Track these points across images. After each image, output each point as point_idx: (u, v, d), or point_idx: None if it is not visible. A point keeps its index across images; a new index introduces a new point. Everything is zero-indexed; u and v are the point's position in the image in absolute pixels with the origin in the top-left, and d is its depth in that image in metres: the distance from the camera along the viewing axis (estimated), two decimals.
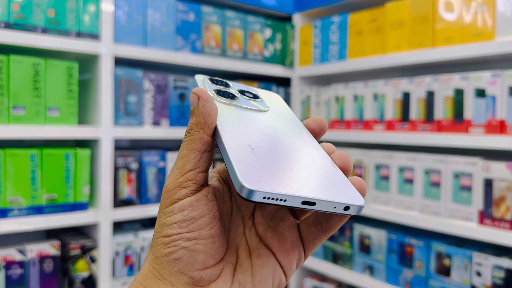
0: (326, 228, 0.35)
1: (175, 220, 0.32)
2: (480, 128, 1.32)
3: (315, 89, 1.87)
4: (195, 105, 0.34)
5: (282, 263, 0.35)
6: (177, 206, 0.33)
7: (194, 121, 0.34)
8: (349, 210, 0.32)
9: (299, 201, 0.31)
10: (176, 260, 0.32)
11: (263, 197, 0.30)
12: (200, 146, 0.33)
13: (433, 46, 1.44)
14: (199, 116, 0.34)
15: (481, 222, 1.31)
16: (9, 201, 1.27)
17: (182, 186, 0.33)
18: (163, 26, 1.55)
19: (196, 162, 0.33)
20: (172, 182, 0.33)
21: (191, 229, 0.32)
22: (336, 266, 1.75)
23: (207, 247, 0.33)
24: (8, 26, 1.25)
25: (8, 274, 1.28)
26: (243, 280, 0.34)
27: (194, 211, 0.33)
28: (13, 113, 1.27)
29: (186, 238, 0.32)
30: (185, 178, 0.33)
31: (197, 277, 0.33)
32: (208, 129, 0.34)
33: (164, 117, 1.58)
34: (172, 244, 0.32)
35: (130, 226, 1.65)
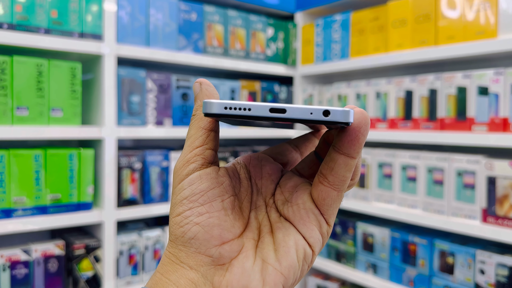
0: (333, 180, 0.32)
1: (185, 195, 0.32)
2: (483, 126, 1.32)
3: (318, 88, 1.87)
4: (198, 91, 0.35)
5: (302, 231, 0.33)
6: (186, 181, 0.32)
7: (199, 103, 0.35)
8: (330, 115, 0.28)
9: (266, 109, 0.29)
10: (191, 239, 0.31)
11: (224, 107, 0.29)
12: (207, 124, 0.34)
13: (435, 44, 1.44)
14: (204, 97, 0.35)
15: (485, 220, 1.31)
16: (14, 201, 1.27)
17: (190, 162, 0.33)
18: (166, 26, 1.55)
19: (204, 139, 0.34)
20: (181, 160, 0.33)
21: (201, 202, 0.32)
22: (340, 264, 1.75)
23: (220, 219, 0.32)
24: (11, 27, 1.26)
25: (13, 274, 1.28)
26: (266, 255, 0.32)
27: (203, 183, 0.32)
28: (17, 114, 1.27)
29: (197, 212, 0.32)
30: (194, 153, 0.33)
31: (216, 254, 0.32)
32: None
33: (167, 117, 1.58)
34: (185, 222, 0.32)
35: (134, 226, 1.65)
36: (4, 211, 1.26)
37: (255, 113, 0.29)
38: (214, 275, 0.32)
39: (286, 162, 0.39)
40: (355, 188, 1.69)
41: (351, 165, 0.32)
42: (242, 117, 0.29)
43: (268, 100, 1.88)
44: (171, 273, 0.32)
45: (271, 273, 0.32)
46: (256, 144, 2.03)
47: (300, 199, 0.34)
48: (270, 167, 0.37)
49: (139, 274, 1.52)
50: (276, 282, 0.32)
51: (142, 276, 1.52)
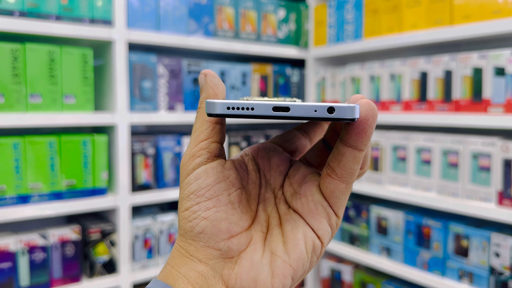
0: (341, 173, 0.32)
1: (192, 190, 0.32)
2: (499, 107, 1.29)
3: (331, 70, 1.84)
4: (203, 83, 0.35)
5: (311, 224, 0.33)
6: (192, 175, 0.33)
7: (204, 95, 0.34)
8: (335, 112, 0.27)
9: (268, 108, 0.28)
10: (200, 233, 0.32)
11: (227, 107, 0.28)
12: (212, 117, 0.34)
13: (451, 24, 1.41)
14: (209, 89, 0.34)
15: (500, 203, 1.29)
16: (30, 187, 1.29)
17: (196, 156, 0.33)
18: (176, 10, 1.54)
19: (209, 132, 0.33)
20: (187, 154, 0.33)
21: (208, 197, 0.32)
22: (353, 247, 1.75)
23: (228, 213, 0.32)
24: (23, 14, 1.26)
25: (32, 258, 1.31)
26: (274, 248, 0.32)
27: (209, 177, 0.32)
28: (30, 101, 1.29)
29: (205, 207, 0.32)
30: (199, 147, 0.33)
31: (225, 247, 0.32)
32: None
33: (179, 102, 1.58)
34: (193, 217, 0.32)
35: (148, 210, 1.67)
36: (21, 197, 1.28)
37: (258, 113, 0.28)
38: (223, 268, 0.32)
39: (295, 150, 0.39)
40: (369, 171, 1.68)
41: (359, 157, 0.31)
42: (245, 116, 0.29)
43: (280, 84, 1.86)
44: (181, 266, 0.32)
45: (280, 265, 0.32)
46: (269, 128, 2.02)
47: (309, 191, 0.34)
48: (278, 157, 0.37)
49: (154, 257, 1.54)
50: (285, 274, 0.32)
51: (157, 260, 1.55)
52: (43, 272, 1.33)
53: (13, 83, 1.26)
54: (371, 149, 1.65)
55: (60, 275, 1.36)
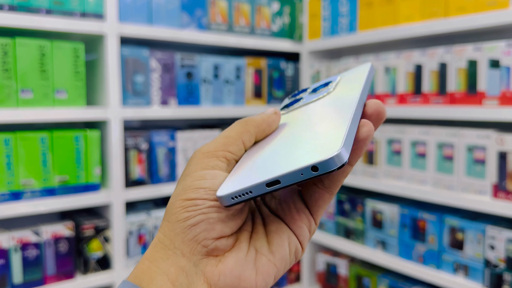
0: (329, 185, 0.34)
1: (204, 186, 0.32)
2: (494, 100, 1.28)
3: (325, 64, 1.83)
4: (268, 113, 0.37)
5: (294, 229, 0.34)
6: (210, 173, 0.32)
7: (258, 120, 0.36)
8: (319, 169, 0.27)
9: (263, 186, 0.29)
10: (192, 226, 0.31)
11: (231, 198, 0.30)
12: (247, 141, 0.35)
13: (445, 16, 1.40)
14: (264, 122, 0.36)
15: (495, 196, 1.29)
16: (22, 183, 1.28)
17: (219, 159, 0.33)
18: (168, 3, 1.52)
19: (237, 150, 0.34)
20: (210, 151, 0.34)
21: (215, 198, 0.32)
22: (349, 241, 1.75)
23: (227, 218, 0.32)
24: (13, 8, 1.24)
25: (25, 255, 1.30)
26: (259, 247, 0.33)
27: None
28: (21, 96, 1.27)
29: (208, 205, 0.31)
30: (223, 154, 0.34)
31: (212, 246, 0.31)
32: (260, 136, 0.36)
33: (172, 97, 1.57)
34: (192, 209, 0.31)
35: (142, 206, 1.66)
36: (13, 193, 1.27)
37: (256, 194, 0.30)
38: (206, 265, 0.32)
39: None
40: (364, 164, 1.67)
41: (349, 171, 0.33)
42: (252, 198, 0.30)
43: (274, 78, 1.85)
44: (161, 261, 0.31)
45: (264, 264, 0.32)
46: None
47: (290, 198, 0.35)
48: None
49: None
50: (269, 273, 0.32)
51: None
52: (37, 269, 1.32)
53: (3, 79, 1.24)
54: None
55: (53, 272, 1.35)
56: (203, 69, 1.63)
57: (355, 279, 1.77)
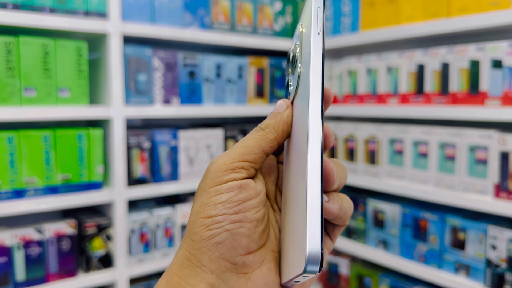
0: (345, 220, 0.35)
1: (221, 200, 0.31)
2: (496, 100, 1.28)
3: (327, 63, 1.84)
4: (280, 110, 0.35)
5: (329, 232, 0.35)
6: (225, 186, 0.32)
7: (273, 123, 0.34)
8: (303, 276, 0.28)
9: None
10: (218, 244, 0.31)
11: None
12: (268, 147, 0.34)
13: (448, 16, 1.40)
14: (280, 122, 0.34)
15: (497, 195, 1.29)
16: (25, 181, 1.28)
17: (235, 171, 0.32)
18: (171, 2, 1.53)
19: (256, 158, 0.33)
20: (226, 164, 0.32)
21: (236, 211, 0.31)
22: (350, 240, 1.75)
23: (250, 231, 0.32)
24: (16, 7, 1.24)
25: (28, 253, 1.31)
26: None
27: (242, 193, 0.32)
28: (25, 95, 1.27)
29: (230, 220, 0.31)
30: (240, 165, 0.33)
31: (240, 262, 0.31)
32: (281, 138, 0.34)
33: (175, 95, 1.57)
34: (215, 226, 0.31)
35: (144, 204, 1.67)
36: (16, 191, 1.27)
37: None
38: (235, 282, 0.32)
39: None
40: (366, 164, 1.67)
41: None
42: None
43: (276, 77, 1.85)
44: (191, 277, 0.31)
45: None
46: None
47: None
48: (268, 165, 0.37)
49: (151, 251, 1.54)
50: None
51: (154, 254, 1.54)
52: (39, 266, 1.33)
53: (6, 77, 1.25)
54: (368, 142, 1.65)
55: (56, 270, 1.36)
56: (206, 68, 1.63)
57: (356, 278, 1.78)
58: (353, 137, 1.71)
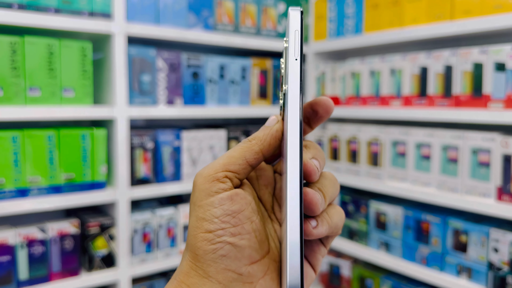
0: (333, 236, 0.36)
1: (217, 215, 0.31)
2: (499, 103, 1.29)
3: (331, 65, 1.84)
4: (270, 124, 0.35)
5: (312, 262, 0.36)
6: (216, 200, 0.32)
7: (261, 136, 0.34)
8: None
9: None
10: (223, 256, 0.31)
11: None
12: (252, 159, 0.34)
13: (451, 19, 1.40)
14: (268, 136, 0.34)
15: (499, 198, 1.29)
16: (29, 180, 1.29)
17: (220, 181, 0.32)
18: (175, 3, 1.53)
19: (240, 169, 0.33)
20: (210, 175, 0.33)
21: (233, 224, 0.32)
22: (352, 242, 1.75)
23: (251, 241, 0.32)
24: (22, 7, 1.25)
25: (31, 252, 1.31)
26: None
27: (234, 204, 0.32)
28: (29, 94, 1.28)
29: (230, 233, 0.31)
30: (224, 174, 0.33)
31: (246, 272, 0.32)
32: (267, 151, 0.34)
33: (178, 96, 1.58)
34: (217, 240, 0.31)
35: (147, 204, 1.67)
36: (20, 190, 1.28)
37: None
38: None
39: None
40: (368, 166, 1.67)
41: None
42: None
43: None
44: (198, 286, 0.32)
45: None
46: None
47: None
48: (264, 176, 0.38)
49: (153, 251, 1.54)
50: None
51: (156, 254, 1.55)
52: (42, 265, 1.33)
53: (11, 76, 1.25)
54: (370, 144, 1.65)
55: (59, 269, 1.36)
56: (209, 69, 1.64)
57: (358, 280, 1.78)
58: (356, 139, 1.71)
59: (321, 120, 0.37)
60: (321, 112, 0.36)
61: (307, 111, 0.37)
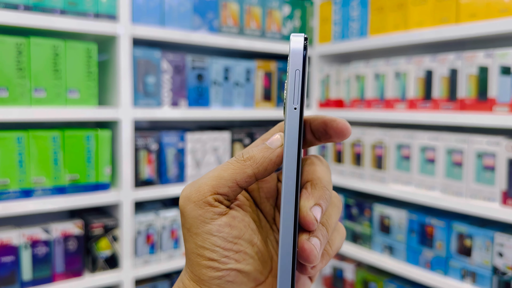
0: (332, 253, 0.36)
1: (218, 244, 0.30)
2: (504, 107, 1.28)
3: (335, 68, 1.84)
4: (272, 146, 0.31)
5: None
6: (215, 227, 0.30)
7: (259, 158, 0.31)
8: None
9: None
10: (230, 282, 0.31)
11: None
12: (243, 182, 0.31)
13: (457, 22, 1.40)
14: (266, 160, 0.31)
15: (504, 202, 1.28)
16: (33, 181, 1.29)
17: (212, 205, 0.30)
18: (180, 5, 1.54)
19: (229, 192, 0.31)
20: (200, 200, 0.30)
21: (236, 250, 0.31)
22: (356, 245, 1.75)
23: (254, 265, 0.32)
24: (28, 8, 1.26)
25: (35, 252, 1.31)
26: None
27: (233, 230, 0.31)
28: (34, 95, 1.29)
29: (235, 260, 0.31)
30: (214, 197, 0.30)
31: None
32: (262, 175, 0.31)
33: (183, 98, 1.58)
34: (223, 268, 0.30)
35: (151, 206, 1.67)
36: (24, 191, 1.28)
37: None
38: None
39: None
40: (372, 169, 1.67)
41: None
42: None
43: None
44: None
45: None
46: (273, 125, 2.02)
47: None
48: (266, 188, 0.36)
49: (157, 253, 1.54)
50: None
51: (159, 255, 1.55)
52: (46, 266, 1.33)
53: (17, 77, 1.26)
54: (375, 147, 1.65)
55: (62, 270, 1.36)
56: (214, 72, 1.64)
57: (361, 283, 1.77)
58: (360, 142, 1.71)
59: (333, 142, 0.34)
60: (333, 137, 0.33)
61: (319, 130, 0.33)
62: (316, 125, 0.34)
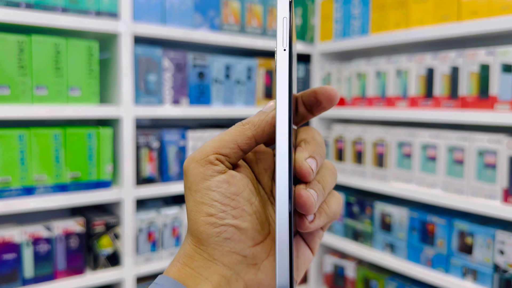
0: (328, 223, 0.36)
1: (215, 198, 0.31)
2: (506, 104, 1.28)
3: (336, 66, 1.84)
4: (268, 110, 0.33)
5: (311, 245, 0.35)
6: (214, 182, 0.31)
7: (256, 121, 0.33)
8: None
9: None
10: (227, 239, 0.31)
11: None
12: (244, 144, 0.33)
13: (458, 20, 1.40)
14: (263, 122, 0.33)
15: (505, 200, 1.28)
16: (35, 179, 1.30)
17: (213, 163, 0.32)
18: (182, 3, 1.54)
19: (230, 153, 0.33)
20: (202, 159, 0.32)
21: (234, 206, 0.31)
22: (357, 243, 1.75)
23: (253, 223, 0.32)
24: (29, 6, 1.26)
25: (36, 250, 1.32)
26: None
27: (232, 187, 0.32)
28: (36, 93, 1.29)
29: (232, 215, 0.31)
30: (215, 157, 0.32)
31: (250, 254, 0.32)
32: (261, 137, 0.33)
33: (184, 96, 1.58)
34: (220, 223, 0.31)
35: (152, 203, 1.68)
36: (26, 188, 1.28)
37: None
38: (246, 273, 0.32)
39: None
40: (373, 167, 1.67)
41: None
42: None
43: None
44: (203, 269, 0.31)
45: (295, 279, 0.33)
46: None
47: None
48: (264, 159, 0.37)
49: (158, 250, 1.55)
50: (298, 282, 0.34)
51: (161, 253, 1.55)
52: (47, 263, 1.34)
53: (18, 75, 1.26)
54: (376, 145, 1.65)
55: (64, 267, 1.37)
56: (215, 70, 1.64)
57: (362, 281, 1.77)
58: (362, 140, 1.71)
59: (324, 110, 0.36)
60: (324, 102, 0.35)
61: (310, 99, 0.35)
62: (307, 96, 0.36)
